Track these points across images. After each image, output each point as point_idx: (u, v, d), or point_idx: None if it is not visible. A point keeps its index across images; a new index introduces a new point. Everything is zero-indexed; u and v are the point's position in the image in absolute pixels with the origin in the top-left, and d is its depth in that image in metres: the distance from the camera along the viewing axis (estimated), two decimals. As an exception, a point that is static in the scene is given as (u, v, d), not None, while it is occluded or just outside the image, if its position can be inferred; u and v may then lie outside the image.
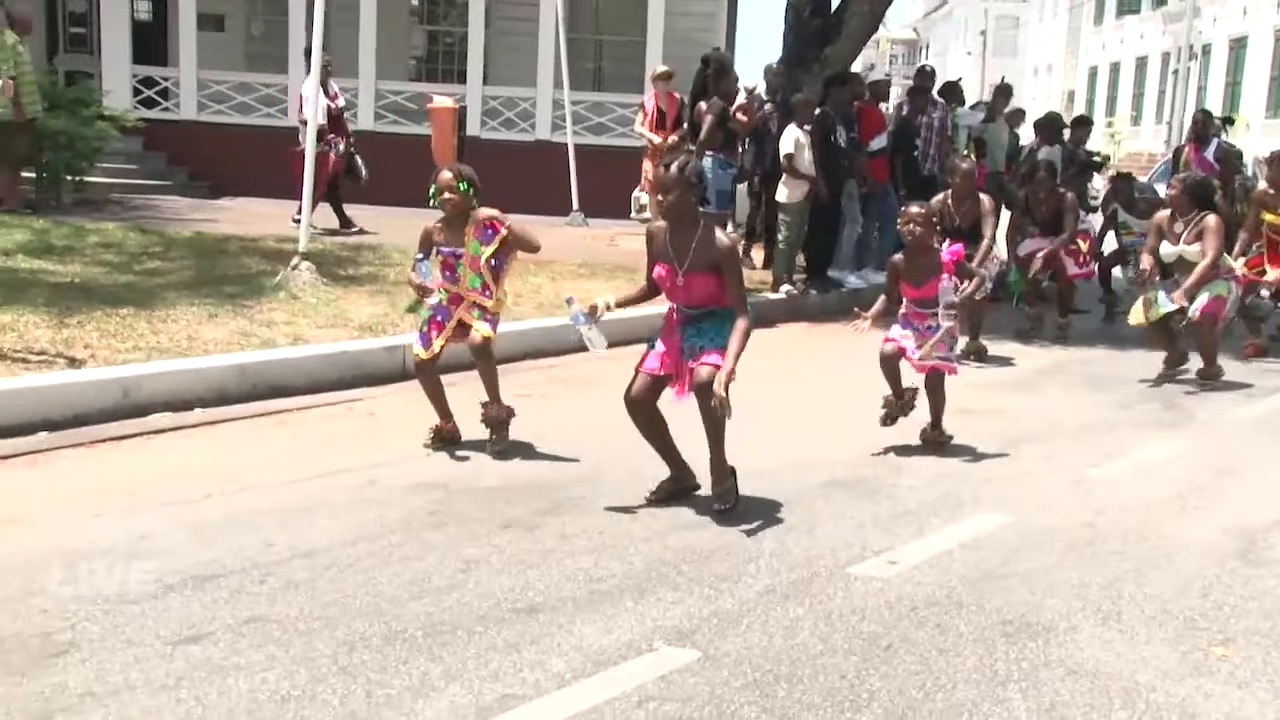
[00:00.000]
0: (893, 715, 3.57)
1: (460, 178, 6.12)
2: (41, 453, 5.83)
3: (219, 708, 3.46)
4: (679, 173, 5.28)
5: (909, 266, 6.56)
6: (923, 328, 6.51)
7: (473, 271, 6.18)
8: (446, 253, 6.20)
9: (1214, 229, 8.58)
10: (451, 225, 6.18)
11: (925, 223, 6.44)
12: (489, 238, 6.13)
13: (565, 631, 4.09)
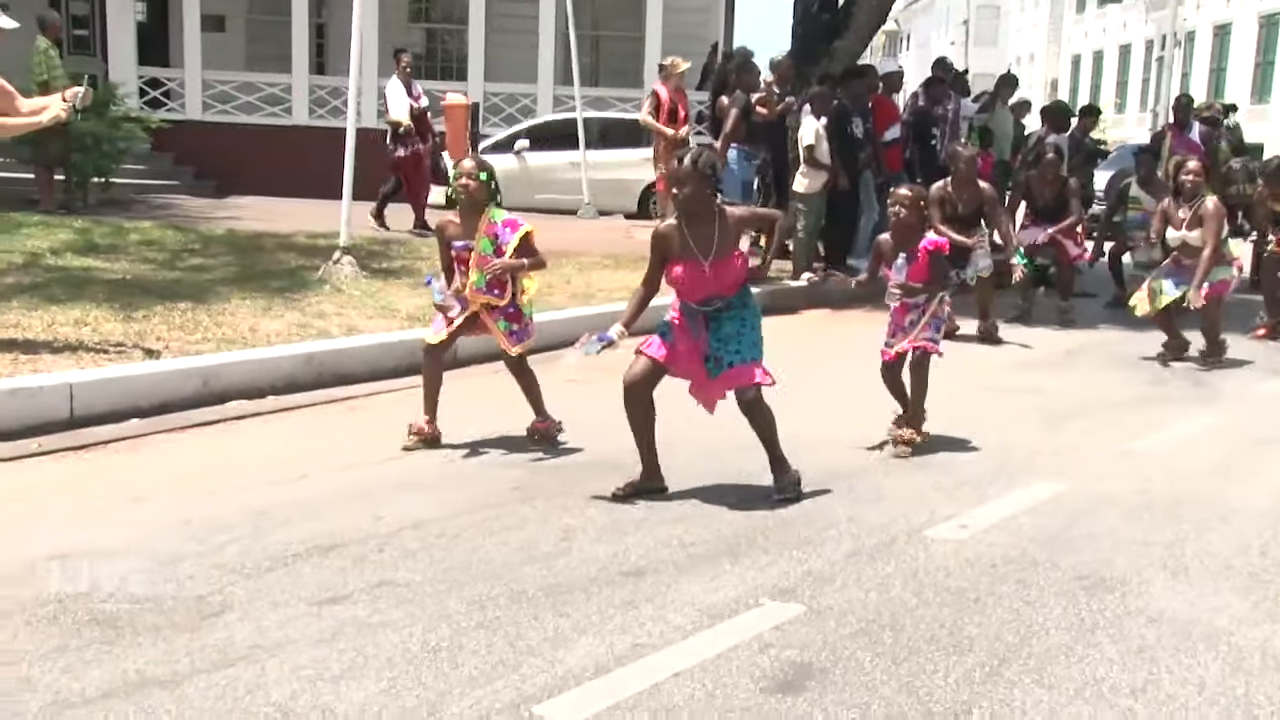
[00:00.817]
0: (994, 658, 3.88)
1: (481, 168, 6.06)
2: (139, 438, 6.10)
3: (378, 658, 3.75)
4: (693, 166, 5.24)
5: (893, 250, 6.45)
6: (906, 324, 6.43)
7: (478, 269, 6.03)
8: (459, 247, 6.08)
9: (1213, 214, 8.80)
10: (466, 218, 6.08)
11: (912, 206, 6.30)
12: (506, 237, 6.00)
13: (674, 590, 4.38)
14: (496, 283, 6.03)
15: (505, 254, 5.98)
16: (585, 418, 6.61)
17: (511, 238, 5.99)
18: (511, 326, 6.12)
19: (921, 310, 6.36)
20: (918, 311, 6.38)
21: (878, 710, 3.51)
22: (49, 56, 12.31)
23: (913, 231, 6.35)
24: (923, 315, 6.36)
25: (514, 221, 6.07)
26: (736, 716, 3.45)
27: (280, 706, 3.42)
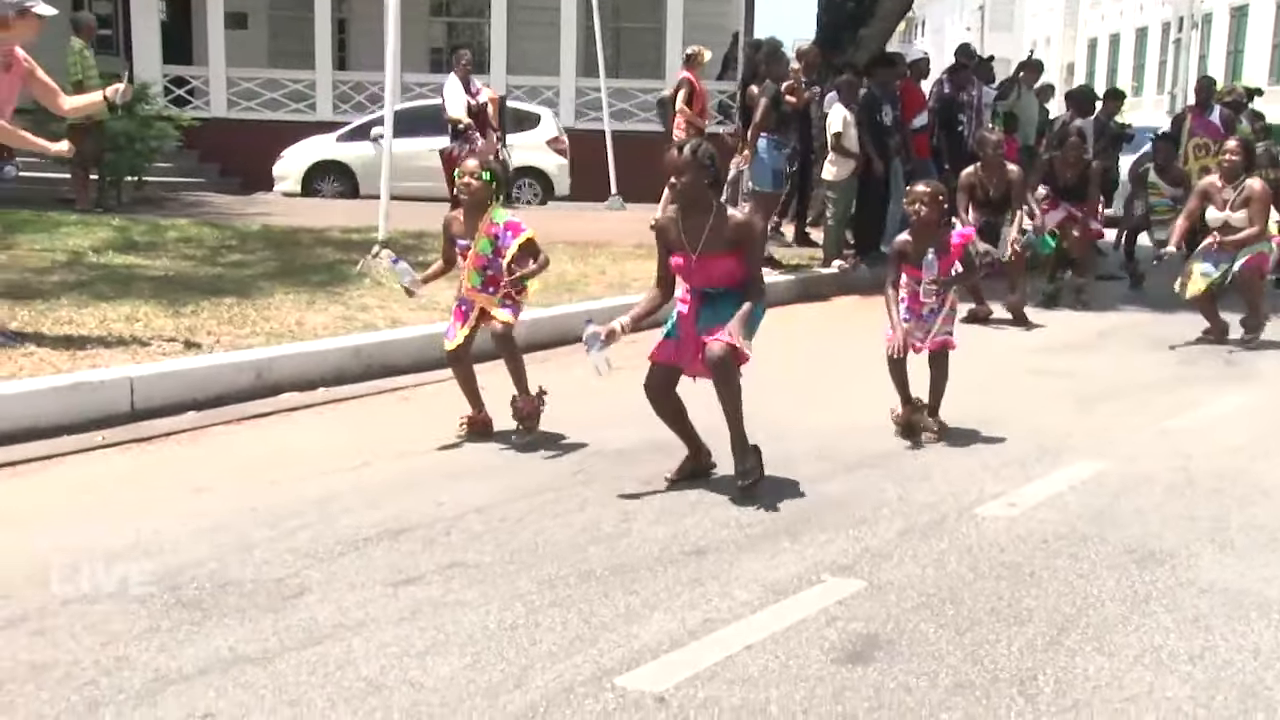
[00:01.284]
0: (1054, 628, 3.99)
1: (486, 167, 6.04)
2: (198, 430, 6.25)
3: (458, 635, 3.88)
4: (692, 155, 5.17)
5: (916, 249, 6.29)
6: (925, 313, 6.31)
7: (474, 269, 6.05)
8: (463, 245, 6.09)
9: (1260, 196, 8.90)
10: (471, 217, 6.07)
11: (932, 203, 6.17)
12: (506, 240, 6.00)
13: (736, 568, 4.51)
14: (491, 281, 6.05)
15: (504, 257, 5.99)
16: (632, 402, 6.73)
17: (512, 243, 5.98)
18: (506, 300, 6.09)
19: (940, 300, 6.30)
20: (936, 301, 6.29)
21: (946, 678, 3.63)
22: (84, 57, 12.48)
23: (934, 227, 6.25)
24: (942, 306, 6.30)
25: (516, 225, 6.05)
26: (811, 685, 3.57)
27: (371, 681, 3.56)
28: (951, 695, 3.53)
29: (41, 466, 5.53)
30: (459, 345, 6.15)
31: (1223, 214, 9.01)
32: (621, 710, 3.41)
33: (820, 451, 6.00)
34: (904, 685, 3.59)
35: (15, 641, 3.74)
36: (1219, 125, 13.20)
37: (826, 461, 5.88)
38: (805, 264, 12.19)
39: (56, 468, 5.57)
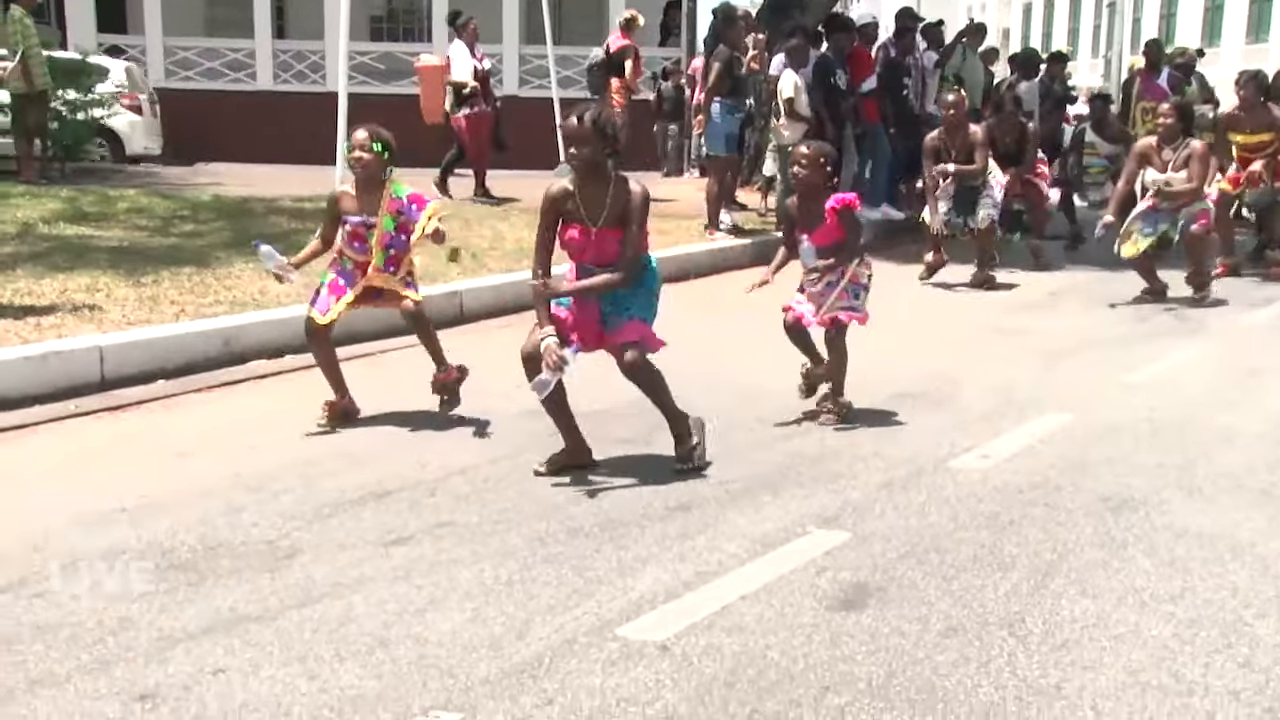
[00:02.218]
0: (1037, 573, 4.11)
1: (376, 138, 5.68)
2: (171, 397, 6.22)
3: (456, 591, 3.92)
4: (591, 124, 4.84)
5: (802, 212, 6.02)
6: (822, 285, 5.97)
7: (379, 247, 5.74)
8: (356, 223, 5.73)
9: (1201, 155, 9.03)
10: (364, 192, 5.75)
11: (811, 164, 5.82)
12: (413, 214, 5.73)
13: (722, 522, 4.58)
14: (394, 260, 5.79)
15: (412, 232, 5.75)
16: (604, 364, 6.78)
17: (419, 215, 5.72)
18: (407, 278, 5.87)
19: (839, 274, 5.90)
20: (836, 274, 5.90)
21: (937, 623, 3.72)
22: (25, 25, 12.24)
23: (818, 191, 5.88)
24: (840, 279, 5.90)
25: (419, 197, 5.79)
26: (808, 632, 3.65)
27: (375, 636, 3.59)
28: (944, 638, 3.62)
29: (17, 435, 5.48)
30: (330, 321, 5.79)
31: (1163, 175, 9.08)
32: (626, 659, 3.47)
33: (792, 410, 6.08)
34: (897, 630, 3.68)
35: (16, 604, 3.73)
36: (1166, 89, 13.43)
37: (799, 420, 5.96)
38: (762, 228, 12.27)
39: (33, 437, 5.53)
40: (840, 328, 5.95)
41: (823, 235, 5.91)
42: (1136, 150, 9.50)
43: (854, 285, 5.94)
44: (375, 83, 20.25)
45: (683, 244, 11.03)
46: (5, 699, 3.19)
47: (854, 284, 5.94)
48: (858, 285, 5.95)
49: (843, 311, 5.93)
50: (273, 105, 20.03)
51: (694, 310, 8.95)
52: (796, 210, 6.07)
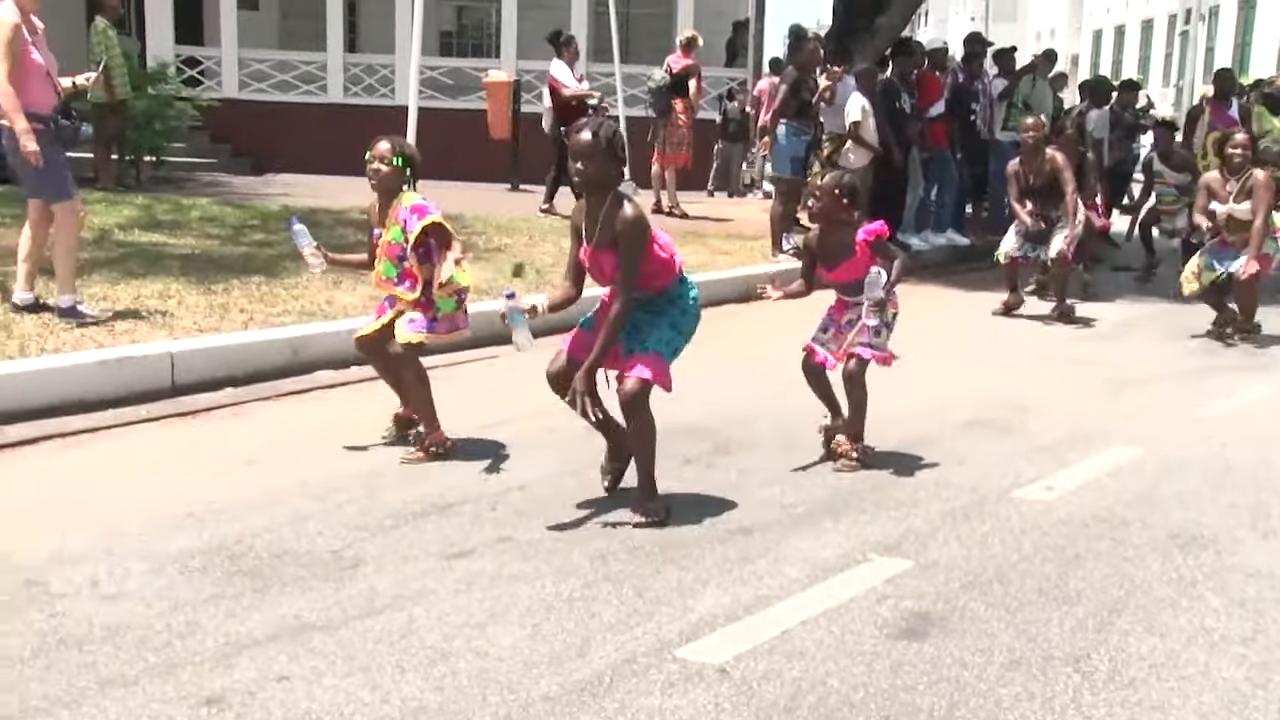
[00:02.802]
0: (1104, 609, 4.05)
1: (397, 151, 5.46)
2: (239, 405, 6.30)
3: (516, 606, 3.94)
4: (594, 138, 4.69)
5: (821, 246, 5.72)
6: (844, 323, 5.71)
7: (389, 258, 5.53)
8: (376, 235, 5.62)
9: (1264, 185, 8.84)
10: (383, 205, 5.56)
11: (826, 195, 5.56)
12: (411, 224, 5.43)
13: (783, 547, 4.57)
14: (407, 275, 5.51)
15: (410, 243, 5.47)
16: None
17: (415, 225, 5.40)
18: (412, 315, 5.53)
19: (863, 311, 5.57)
20: (857, 310, 5.61)
21: (1000, 655, 3.69)
22: (108, 37, 12.51)
23: (836, 224, 5.62)
24: (863, 316, 5.58)
25: (422, 208, 5.46)
26: (868, 660, 3.63)
27: (436, 649, 3.62)
28: (1008, 671, 3.59)
29: (91, 439, 5.58)
30: (369, 334, 5.68)
31: (1225, 207, 8.92)
32: (685, 680, 3.47)
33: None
34: (959, 661, 3.65)
35: (88, 605, 3.80)
36: (1235, 118, 13.24)
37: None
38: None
39: (106, 440, 5.63)
40: (860, 364, 5.61)
41: (845, 271, 5.61)
42: (1203, 183, 9.35)
43: (881, 321, 5.64)
44: (443, 97, 20.44)
45: (746, 265, 11.02)
46: (77, 699, 3.25)
47: (881, 319, 5.64)
48: (881, 322, 5.63)
49: (862, 348, 5.61)
50: (343, 117, 20.24)
51: (758, 331, 8.95)
52: (816, 243, 5.75)
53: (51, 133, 6.93)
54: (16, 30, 6.78)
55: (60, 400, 5.84)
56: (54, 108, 6.99)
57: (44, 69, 6.94)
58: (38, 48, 6.93)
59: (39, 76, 6.91)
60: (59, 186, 7.06)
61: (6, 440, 5.53)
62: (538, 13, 22.24)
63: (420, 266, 5.48)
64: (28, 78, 6.83)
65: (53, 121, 6.94)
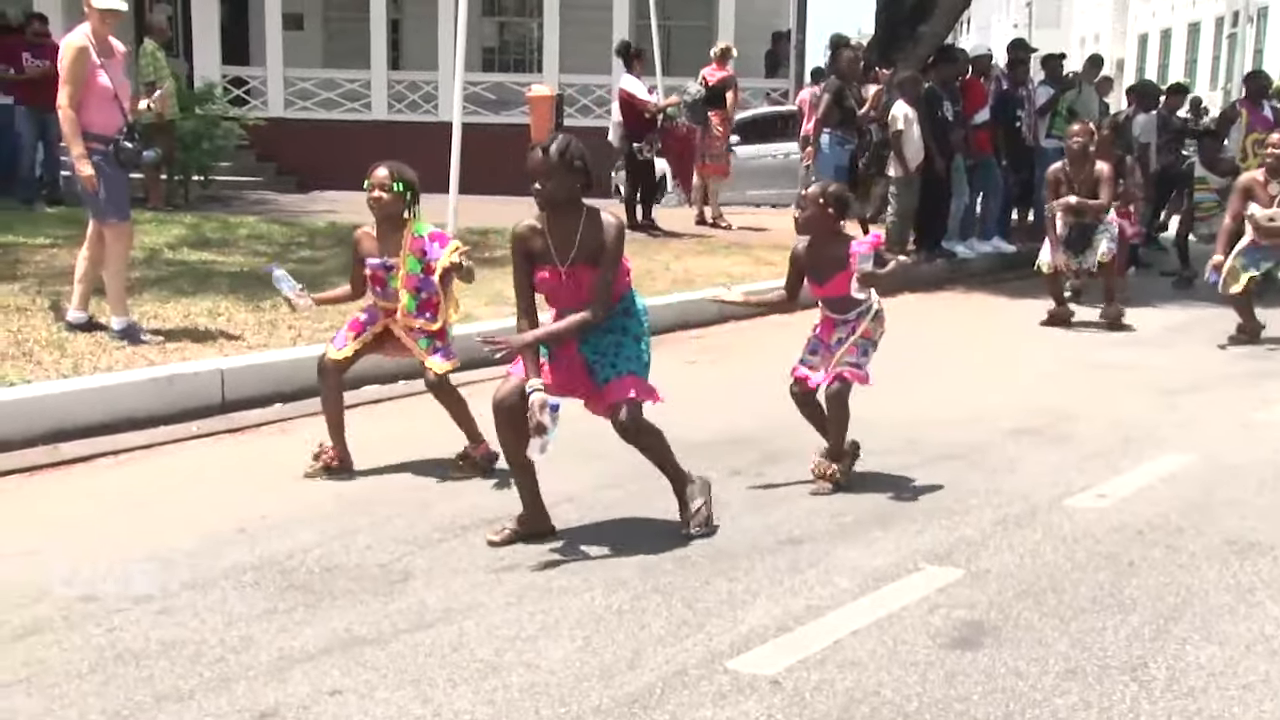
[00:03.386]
0: (1160, 617, 4.00)
1: (397, 177, 5.34)
2: (288, 420, 6.36)
3: (566, 619, 3.94)
4: (558, 157, 4.48)
5: (810, 259, 5.43)
6: (832, 344, 5.42)
7: (408, 291, 5.40)
8: (375, 265, 5.44)
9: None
10: (384, 233, 5.45)
11: (812, 205, 5.29)
12: (435, 253, 5.37)
13: (833, 557, 4.54)
14: (428, 305, 5.46)
15: (435, 272, 5.39)
16: (711, 393, 6.81)
17: (441, 254, 5.35)
18: (435, 344, 5.52)
19: (851, 328, 5.39)
20: (846, 329, 5.39)
21: (1056, 665, 3.65)
22: (156, 59, 12.69)
23: (824, 234, 5.35)
24: (851, 334, 5.38)
25: (442, 235, 5.45)
26: (922, 670, 3.60)
27: (487, 662, 3.62)
28: (1064, 681, 3.55)
29: (144, 455, 5.65)
30: (344, 358, 5.51)
31: (1267, 211, 8.75)
32: (737, 692, 3.46)
33: (904, 443, 6.03)
34: (1014, 670, 3.61)
35: (144, 620, 3.84)
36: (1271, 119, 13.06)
37: (911, 453, 5.90)
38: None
39: (158, 457, 5.69)
40: (845, 384, 5.31)
41: (836, 285, 5.33)
42: (1240, 185, 9.14)
43: (865, 341, 5.38)
44: (486, 112, 20.57)
45: (790, 275, 10.99)
46: (134, 713, 3.28)
47: (865, 339, 5.39)
48: (868, 341, 5.40)
49: (848, 368, 5.33)
50: (387, 134, 20.37)
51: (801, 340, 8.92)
52: (805, 255, 5.45)
53: (112, 155, 7.04)
54: (81, 54, 6.94)
55: (113, 418, 5.91)
56: (119, 130, 7.10)
57: (111, 92, 7.07)
58: (109, 70, 7.08)
59: (105, 99, 7.05)
60: (112, 208, 7.16)
61: (61, 457, 5.61)
62: (579, 28, 22.36)
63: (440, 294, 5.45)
64: (92, 99, 6.98)
65: (114, 144, 7.05)
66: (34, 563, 4.33)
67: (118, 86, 7.14)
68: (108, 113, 7.04)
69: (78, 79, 6.90)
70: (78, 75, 6.90)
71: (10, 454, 5.56)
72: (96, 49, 7.03)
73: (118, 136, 7.09)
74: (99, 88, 6.99)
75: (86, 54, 6.95)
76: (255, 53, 22.08)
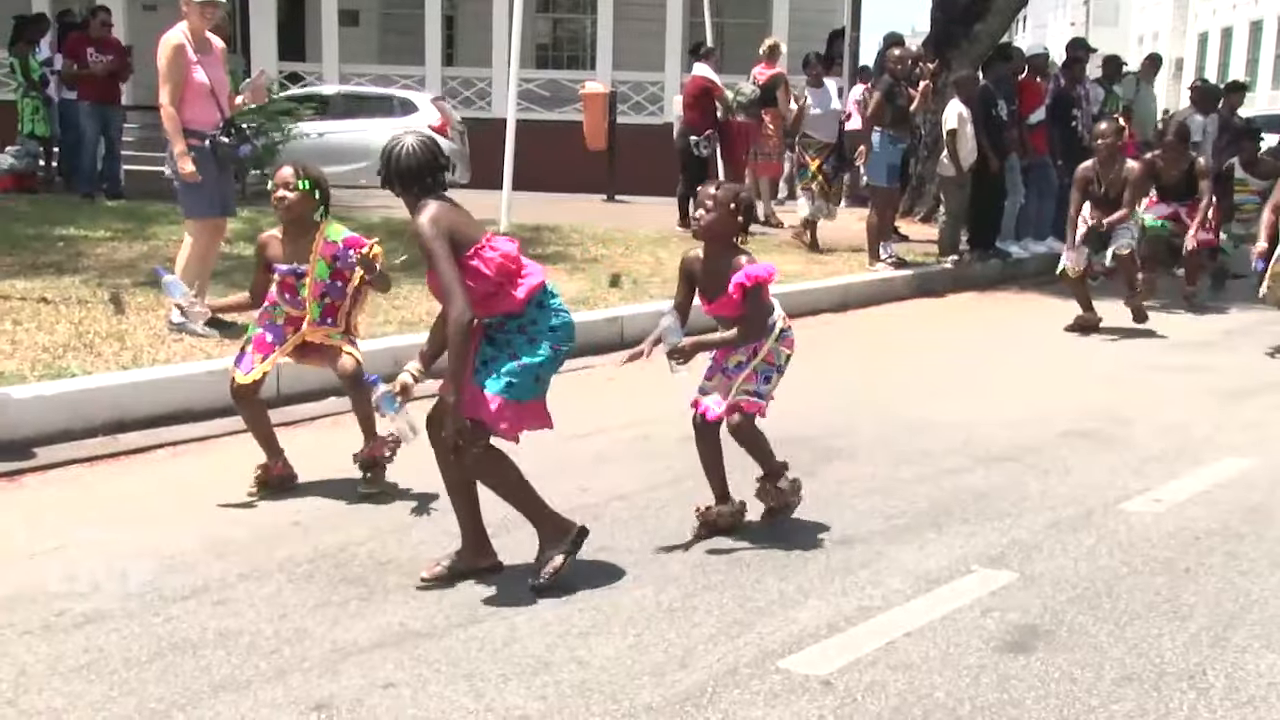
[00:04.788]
0: (1218, 624, 3.95)
1: (302, 175, 5.04)
2: (341, 414, 6.37)
3: (618, 616, 3.95)
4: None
5: (703, 269, 4.72)
6: (730, 367, 4.77)
7: (314, 299, 5.08)
8: (284, 271, 5.08)
9: None
10: (293, 237, 5.10)
11: (716, 207, 4.57)
12: (349, 259, 5.03)
13: (885, 558, 4.52)
14: (329, 310, 5.13)
15: (349, 278, 5.09)
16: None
17: (356, 258, 5.01)
18: (348, 349, 5.22)
19: (752, 350, 4.71)
20: (746, 351, 4.72)
21: (1111, 670, 3.61)
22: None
23: (724, 245, 4.65)
24: (752, 356, 4.71)
25: (357, 240, 5.07)
26: (974, 673, 3.58)
27: (539, 658, 3.64)
28: (1119, 687, 3.51)
29: (202, 447, 5.72)
30: (255, 380, 5.11)
31: None
32: (789, 692, 3.45)
33: (958, 444, 5.99)
34: (1069, 676, 3.58)
35: (201, 610, 3.89)
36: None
37: (965, 454, 5.87)
38: (920, 260, 12.11)
39: (216, 449, 5.75)
40: (745, 417, 4.72)
41: (719, 306, 4.70)
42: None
43: (767, 366, 4.73)
44: (539, 109, 20.67)
45: (843, 274, 10.95)
46: (192, 701, 3.32)
47: (768, 364, 4.73)
48: (771, 367, 4.74)
49: (745, 397, 4.71)
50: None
51: (857, 341, 8.90)
52: (699, 267, 4.74)
53: (207, 150, 7.15)
54: (178, 51, 7.08)
55: (170, 409, 5.99)
56: (215, 125, 7.21)
57: (207, 88, 7.20)
58: (206, 66, 7.21)
59: (202, 95, 7.19)
60: (200, 203, 7.29)
61: (119, 448, 5.69)
62: (632, 24, 22.41)
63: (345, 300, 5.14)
64: (189, 95, 7.13)
65: (210, 139, 7.15)
66: (94, 552, 4.39)
67: (215, 83, 7.26)
68: (204, 109, 7.19)
69: (176, 76, 7.05)
70: (176, 72, 7.05)
71: (72, 444, 5.65)
72: (194, 45, 7.16)
73: (214, 132, 7.20)
74: (195, 84, 7.15)
75: (183, 51, 7.09)
76: (311, 49, 22.33)
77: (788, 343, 4.80)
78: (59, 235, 10.32)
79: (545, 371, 4.24)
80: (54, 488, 5.23)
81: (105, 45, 13.68)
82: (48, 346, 6.61)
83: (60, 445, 5.63)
